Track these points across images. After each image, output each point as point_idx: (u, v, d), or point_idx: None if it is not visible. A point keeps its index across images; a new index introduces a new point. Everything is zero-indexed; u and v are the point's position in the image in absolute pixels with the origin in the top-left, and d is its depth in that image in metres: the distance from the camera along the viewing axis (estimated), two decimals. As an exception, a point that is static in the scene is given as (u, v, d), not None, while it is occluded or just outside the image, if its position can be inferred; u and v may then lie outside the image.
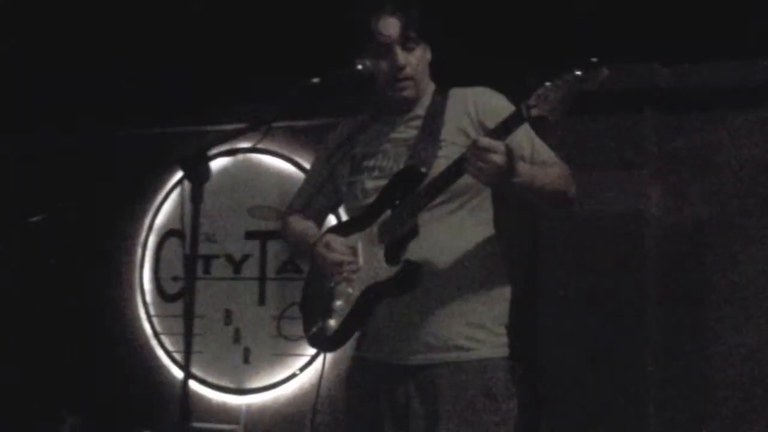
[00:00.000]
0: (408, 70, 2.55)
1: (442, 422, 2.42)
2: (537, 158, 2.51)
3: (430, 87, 2.66)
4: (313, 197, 2.81)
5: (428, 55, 2.62)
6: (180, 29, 4.65)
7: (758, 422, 3.74)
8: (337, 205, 2.81)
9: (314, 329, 2.65)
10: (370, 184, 2.60)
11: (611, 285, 3.92)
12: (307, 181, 2.90)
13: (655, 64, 3.98)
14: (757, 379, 3.76)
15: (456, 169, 2.34)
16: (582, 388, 3.87)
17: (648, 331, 3.91)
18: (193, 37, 4.63)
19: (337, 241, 2.60)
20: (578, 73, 2.14)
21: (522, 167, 2.33)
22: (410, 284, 2.45)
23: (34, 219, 5.22)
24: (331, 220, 2.94)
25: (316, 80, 2.50)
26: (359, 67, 2.56)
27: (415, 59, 2.56)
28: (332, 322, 2.59)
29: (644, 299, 3.93)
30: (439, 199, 2.45)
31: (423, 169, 2.46)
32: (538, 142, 2.55)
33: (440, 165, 2.43)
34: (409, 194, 2.45)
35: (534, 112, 2.19)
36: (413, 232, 2.46)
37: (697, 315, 3.88)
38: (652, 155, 4.00)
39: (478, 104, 2.54)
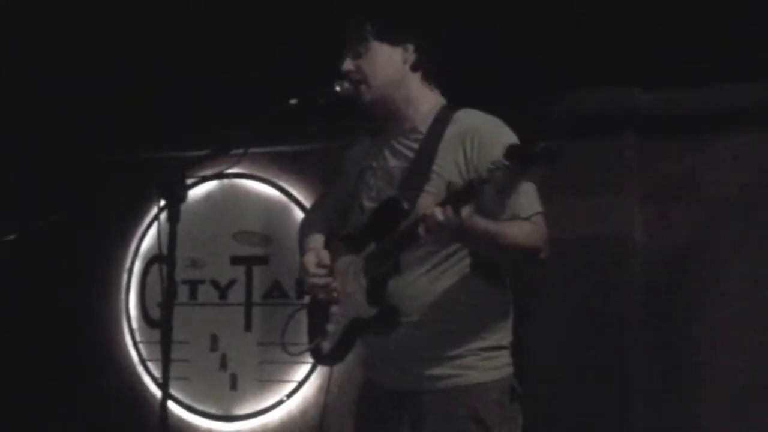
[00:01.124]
0: (354, 76, 2.54)
1: None
2: (516, 212, 2.39)
3: (435, 101, 2.59)
4: (328, 211, 2.82)
5: (396, 56, 2.54)
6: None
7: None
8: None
9: (312, 345, 2.68)
10: (367, 204, 2.61)
11: (596, 311, 3.92)
12: (325, 193, 2.94)
13: (636, 89, 3.98)
14: (741, 402, 3.76)
15: (412, 229, 2.31)
16: (567, 411, 3.87)
17: (633, 356, 3.91)
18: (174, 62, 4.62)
19: (312, 264, 2.61)
20: (521, 164, 2.07)
21: (478, 229, 2.28)
22: (388, 329, 2.47)
23: (8, 238, 5.18)
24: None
25: (293, 101, 2.49)
26: (337, 88, 2.54)
27: (366, 63, 2.53)
28: (326, 344, 2.62)
29: (630, 324, 3.94)
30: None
31: (406, 206, 2.42)
32: (526, 197, 2.40)
33: (426, 200, 2.38)
34: (393, 229, 2.42)
35: (486, 187, 2.13)
36: (393, 271, 2.46)
37: (682, 340, 3.88)
38: (636, 180, 4.01)
39: (475, 141, 2.44)
